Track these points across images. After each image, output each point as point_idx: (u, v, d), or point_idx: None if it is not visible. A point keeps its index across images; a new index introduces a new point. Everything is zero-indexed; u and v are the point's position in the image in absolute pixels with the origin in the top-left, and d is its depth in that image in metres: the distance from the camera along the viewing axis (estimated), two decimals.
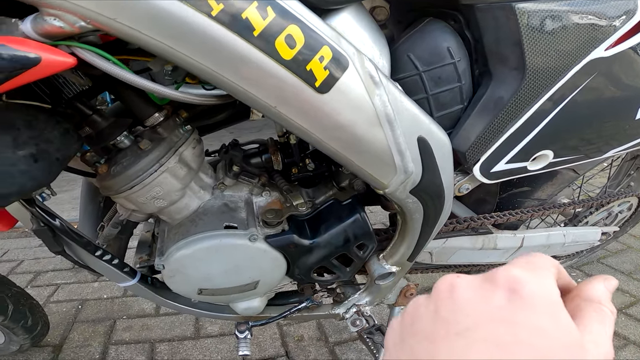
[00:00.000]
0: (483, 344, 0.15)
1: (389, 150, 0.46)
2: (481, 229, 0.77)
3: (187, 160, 0.55)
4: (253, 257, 0.57)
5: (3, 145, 0.35)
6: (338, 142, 0.44)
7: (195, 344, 1.19)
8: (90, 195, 0.80)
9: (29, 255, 1.74)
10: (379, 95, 0.42)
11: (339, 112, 0.41)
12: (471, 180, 0.60)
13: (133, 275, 0.64)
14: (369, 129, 0.43)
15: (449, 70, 0.54)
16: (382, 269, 0.66)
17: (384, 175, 0.48)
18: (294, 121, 0.41)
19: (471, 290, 0.18)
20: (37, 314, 1.01)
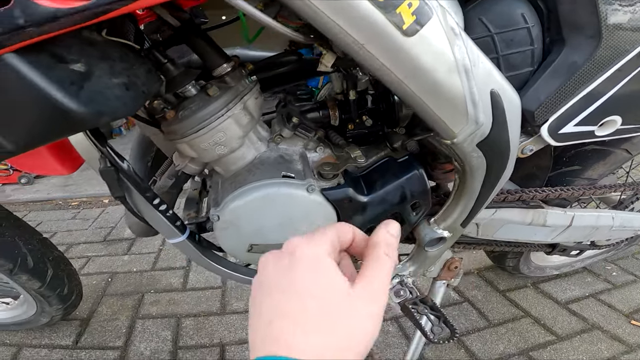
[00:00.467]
0: (275, 292, 0.23)
1: (464, 99, 0.46)
2: (532, 202, 0.75)
3: (250, 109, 0.56)
4: (308, 210, 0.57)
5: (102, 72, 0.38)
6: (417, 85, 0.44)
7: (221, 320, 1.18)
8: (140, 155, 0.82)
9: (62, 228, 1.78)
10: (458, 46, 0.44)
11: (422, 56, 0.42)
12: (536, 141, 0.59)
13: (183, 231, 0.64)
14: (448, 76, 0.44)
15: (522, 34, 0.55)
16: (433, 234, 0.64)
17: (456, 123, 0.48)
18: (378, 61, 0.42)
19: (273, 256, 0.26)
20: (74, 282, 1.00)
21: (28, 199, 2.18)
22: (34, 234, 0.88)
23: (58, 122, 0.36)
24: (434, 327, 0.64)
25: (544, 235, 0.81)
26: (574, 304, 1.19)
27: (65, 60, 0.35)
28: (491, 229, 0.75)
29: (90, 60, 0.37)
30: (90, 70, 0.36)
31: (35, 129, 0.35)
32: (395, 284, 0.72)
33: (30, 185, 2.39)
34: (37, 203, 2.14)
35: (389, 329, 1.13)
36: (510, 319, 1.14)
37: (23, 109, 0.34)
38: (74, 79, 0.35)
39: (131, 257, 1.49)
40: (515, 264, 1.12)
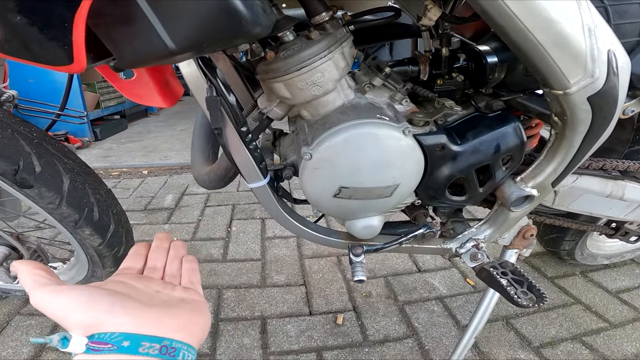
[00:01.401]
0: None
1: (585, 53, 0.48)
2: (613, 172, 0.72)
3: (346, 55, 0.56)
4: (402, 153, 0.56)
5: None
6: (543, 34, 0.46)
7: (262, 292, 1.18)
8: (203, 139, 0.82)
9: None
10: (584, 8, 0.46)
11: (553, 8, 0.44)
12: (638, 103, 0.58)
13: (265, 175, 0.64)
14: (574, 31, 0.46)
15: (635, 8, 0.58)
16: (520, 192, 0.62)
17: (573, 74, 0.49)
18: (509, 9, 0.43)
19: None
20: (130, 242, 0.94)
21: None
22: (101, 184, 0.87)
23: (226, 28, 0.36)
24: (519, 291, 0.62)
25: (618, 210, 0.79)
26: (625, 293, 1.16)
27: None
28: (569, 198, 0.73)
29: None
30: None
31: (203, 30, 0.36)
32: (470, 248, 0.70)
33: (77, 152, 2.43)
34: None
35: (434, 309, 1.11)
36: (561, 305, 1.11)
37: (196, 7, 0.34)
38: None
39: (172, 226, 1.50)
40: (571, 247, 1.09)
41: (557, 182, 0.61)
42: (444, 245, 0.73)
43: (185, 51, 0.37)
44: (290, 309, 1.12)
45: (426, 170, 0.60)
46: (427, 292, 1.17)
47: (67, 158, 0.78)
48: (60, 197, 0.75)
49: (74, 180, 0.77)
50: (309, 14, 0.56)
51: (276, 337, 1.01)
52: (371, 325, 1.06)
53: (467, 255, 0.70)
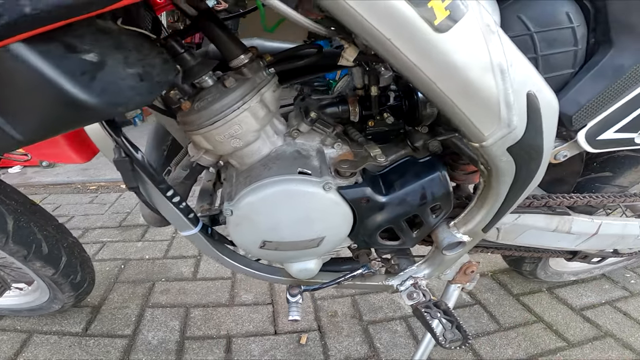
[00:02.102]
0: None
1: (497, 100, 0.43)
2: (559, 208, 0.71)
3: (267, 102, 0.54)
4: (324, 209, 0.55)
5: (116, 62, 0.37)
6: (448, 84, 0.41)
7: (229, 312, 1.19)
8: (156, 143, 0.81)
9: (80, 212, 1.80)
10: (495, 44, 0.41)
11: (454, 53, 0.39)
12: (571, 147, 0.56)
13: (196, 224, 0.63)
14: (482, 75, 0.41)
15: (566, 34, 0.53)
16: (452, 237, 0.61)
17: (486, 125, 0.45)
18: (405, 57, 0.39)
19: None
20: (87, 269, 0.99)
21: (48, 182, 2.21)
22: (50, 220, 0.89)
23: (70, 114, 0.35)
24: (446, 332, 0.62)
25: (567, 243, 0.78)
26: (589, 310, 1.15)
27: (78, 50, 0.34)
28: (513, 234, 0.72)
29: (104, 50, 0.36)
30: (103, 60, 0.35)
31: (46, 120, 0.34)
32: (409, 286, 0.70)
33: (51, 168, 2.43)
34: (57, 186, 2.18)
35: (397, 329, 1.11)
36: (522, 323, 1.11)
37: (33, 100, 0.33)
38: (86, 69, 0.34)
39: (145, 244, 1.51)
40: (532, 268, 1.09)
41: (488, 228, 0.60)
42: (385, 282, 0.73)
43: (35, 140, 0.36)
44: (256, 328, 1.13)
45: (356, 219, 0.59)
46: (392, 311, 1.18)
47: (9, 199, 0.79)
48: (5, 236, 0.77)
49: (17, 220, 0.79)
50: (225, 57, 0.54)
51: (240, 356, 1.03)
52: (334, 346, 1.07)
53: (405, 294, 0.70)
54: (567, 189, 0.76)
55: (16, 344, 1.03)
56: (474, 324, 1.11)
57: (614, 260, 1.17)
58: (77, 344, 1.03)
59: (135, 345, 1.04)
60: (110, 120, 0.49)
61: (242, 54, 0.53)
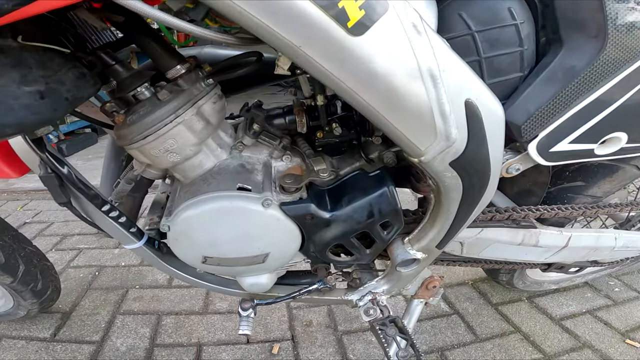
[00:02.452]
0: None
1: (430, 110, 0.39)
2: (523, 221, 0.68)
3: (206, 115, 0.51)
4: (265, 225, 0.52)
5: (10, 81, 0.35)
6: (371, 94, 0.38)
7: (202, 320, 1.17)
8: (114, 154, 0.79)
9: (60, 218, 1.79)
10: (422, 47, 0.37)
11: (373, 59, 0.35)
12: (524, 159, 0.52)
13: (140, 237, 0.61)
14: (408, 82, 0.37)
15: (509, 33, 0.47)
16: (405, 254, 0.59)
17: (422, 139, 0.41)
18: (320, 65, 0.36)
19: None
20: (49, 277, 0.99)
21: (30, 188, 2.20)
22: (7, 230, 0.87)
23: None
24: (400, 352, 0.59)
25: (536, 256, 0.75)
26: (569, 320, 1.12)
27: None
28: (477, 247, 0.69)
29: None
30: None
31: None
32: (367, 302, 0.67)
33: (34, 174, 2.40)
34: (39, 192, 2.16)
35: (372, 339, 1.09)
36: (499, 334, 1.08)
37: None
38: None
39: (121, 251, 1.49)
40: (508, 279, 1.06)
41: (442, 245, 0.58)
42: (344, 297, 0.70)
43: None
44: (228, 337, 1.11)
45: (303, 235, 0.56)
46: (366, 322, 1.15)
47: None
48: None
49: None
50: (160, 68, 0.51)
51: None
52: (306, 356, 1.04)
53: (362, 310, 0.67)
54: (535, 200, 0.73)
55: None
56: (450, 334, 1.08)
57: (596, 269, 1.14)
58: (44, 349, 1.02)
59: (103, 351, 1.03)
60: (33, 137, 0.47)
61: (178, 64, 0.50)
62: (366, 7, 0.33)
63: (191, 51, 0.70)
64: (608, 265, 1.01)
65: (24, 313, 1.01)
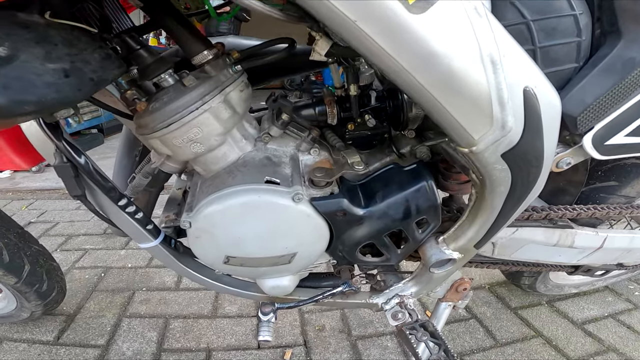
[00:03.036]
0: None
1: (488, 97, 0.36)
2: (560, 221, 0.65)
3: (233, 103, 0.48)
4: (294, 222, 0.48)
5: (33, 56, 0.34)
6: (427, 75, 0.35)
7: (211, 324, 1.12)
8: (127, 149, 0.75)
9: (65, 218, 1.74)
10: (484, 30, 0.34)
11: (434, 39, 0.33)
12: (576, 152, 0.49)
13: (156, 235, 0.57)
14: (468, 66, 0.35)
15: (567, 23, 0.45)
16: (440, 254, 0.55)
17: (476, 127, 0.38)
18: (375, 42, 0.33)
19: None
20: (54, 278, 0.95)
21: (36, 187, 2.15)
22: (12, 227, 0.83)
23: None
24: (432, 357, 0.56)
25: (569, 257, 0.71)
26: (591, 324, 1.09)
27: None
28: (510, 249, 0.66)
29: (18, 44, 0.32)
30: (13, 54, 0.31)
31: None
32: (394, 305, 0.64)
33: (40, 174, 2.35)
34: (45, 192, 2.11)
35: (388, 345, 1.05)
36: (520, 338, 1.04)
37: None
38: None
39: (128, 252, 1.45)
40: (531, 282, 1.02)
41: (481, 244, 0.54)
42: (369, 300, 0.66)
43: None
44: (238, 342, 1.07)
45: (333, 234, 0.53)
46: (383, 326, 1.11)
47: None
48: None
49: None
50: (187, 54, 0.48)
51: None
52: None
53: (389, 313, 0.63)
54: (569, 200, 0.70)
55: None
56: (468, 339, 1.04)
57: (618, 273, 1.10)
58: (46, 352, 0.98)
59: (108, 356, 0.98)
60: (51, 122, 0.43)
61: (205, 50, 0.47)
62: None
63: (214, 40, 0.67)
64: (632, 268, 0.97)
65: (27, 315, 0.97)
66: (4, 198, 2.03)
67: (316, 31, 0.39)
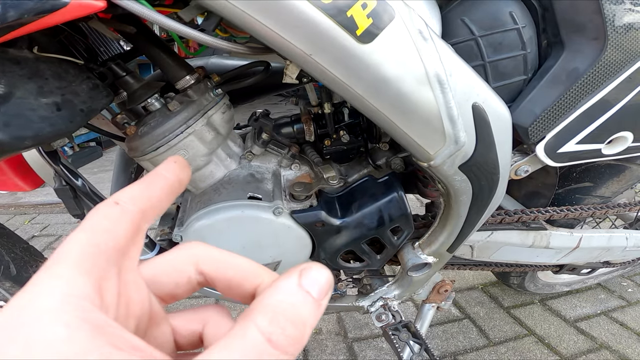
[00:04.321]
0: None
1: (439, 115, 0.40)
2: (533, 223, 0.68)
3: (216, 125, 0.52)
4: (276, 233, 0.53)
5: (27, 92, 0.36)
6: (380, 100, 0.39)
7: None
8: (123, 166, 0.80)
9: (67, 231, 1.80)
10: (429, 52, 0.38)
11: (382, 65, 0.36)
12: (532, 161, 0.52)
13: (152, 248, 0.62)
14: (417, 88, 0.38)
15: (512, 37, 0.48)
16: (416, 259, 0.59)
17: (431, 143, 0.42)
18: (330, 72, 0.37)
19: None
20: None
21: (38, 202, 2.22)
22: (18, 242, 0.88)
23: None
24: (414, 356, 0.59)
25: (547, 257, 0.74)
26: (583, 322, 1.11)
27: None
28: (488, 251, 0.69)
29: (13, 81, 0.34)
30: (10, 91, 0.34)
31: None
32: (378, 307, 0.67)
33: (41, 188, 2.43)
34: (47, 206, 2.18)
35: (383, 346, 1.08)
36: (513, 337, 1.07)
37: None
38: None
39: None
40: (520, 281, 1.05)
41: (453, 249, 0.58)
42: (356, 303, 0.70)
43: None
44: None
45: (314, 242, 0.57)
46: (378, 328, 1.14)
47: None
48: None
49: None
50: (169, 79, 0.52)
51: None
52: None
53: (374, 315, 0.67)
54: (544, 202, 0.73)
55: None
56: (462, 339, 1.07)
57: (608, 270, 1.12)
58: None
59: None
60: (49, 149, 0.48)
61: (187, 75, 0.51)
62: (374, 15, 0.34)
63: (198, 62, 0.71)
64: (620, 265, 0.99)
65: None
66: (6, 213, 2.10)
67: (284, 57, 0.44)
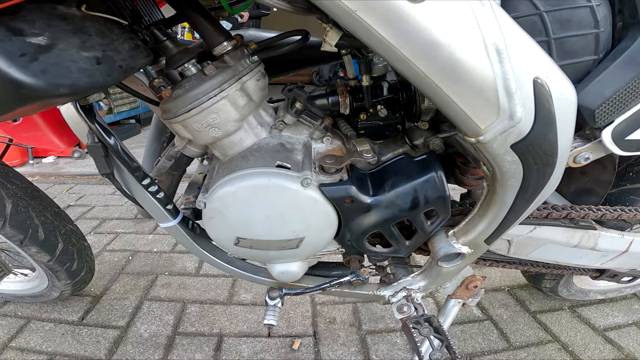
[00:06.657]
0: None
1: (494, 86, 0.36)
2: (582, 221, 0.62)
3: (249, 91, 0.51)
4: (302, 206, 0.50)
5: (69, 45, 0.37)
6: (429, 64, 0.35)
7: (225, 310, 1.16)
8: (156, 135, 0.81)
9: (101, 202, 1.87)
10: (487, 19, 0.34)
11: (435, 28, 0.33)
12: (595, 147, 0.47)
13: (175, 215, 0.61)
14: (472, 55, 0.34)
15: (583, 14, 0.43)
16: (449, 248, 0.54)
17: (482, 116, 0.38)
18: (376, 32, 0.33)
19: None
20: (84, 257, 0.99)
21: (77, 173, 2.32)
22: (49, 206, 0.89)
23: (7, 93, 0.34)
24: (433, 353, 0.55)
25: (591, 260, 0.68)
26: (613, 331, 1.03)
27: (24, 33, 0.34)
28: (527, 248, 0.64)
29: (57, 34, 0.36)
30: (53, 43, 0.35)
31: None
32: (401, 298, 0.63)
33: (81, 160, 2.53)
34: (85, 177, 2.27)
35: (397, 341, 1.04)
36: (535, 343, 1.01)
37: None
38: (27, 50, 0.34)
39: (155, 237, 1.53)
40: (553, 285, 0.98)
41: (492, 240, 0.53)
42: (377, 292, 0.67)
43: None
44: (250, 329, 1.10)
45: (341, 221, 0.53)
46: (394, 322, 1.10)
47: (10, 184, 0.80)
48: (3, 220, 0.78)
49: (16, 205, 0.80)
50: (208, 45, 0.51)
51: (229, 356, 1.00)
52: (327, 354, 1.01)
53: (395, 306, 0.63)
54: (595, 201, 0.66)
55: (13, 329, 1.05)
56: (480, 340, 1.02)
57: None
58: (70, 332, 1.04)
59: (126, 337, 1.04)
60: (86, 105, 0.48)
61: (224, 41, 0.50)
62: None
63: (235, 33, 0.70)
64: None
65: (57, 294, 1.02)
66: (46, 182, 2.20)
67: (326, 22, 0.41)
